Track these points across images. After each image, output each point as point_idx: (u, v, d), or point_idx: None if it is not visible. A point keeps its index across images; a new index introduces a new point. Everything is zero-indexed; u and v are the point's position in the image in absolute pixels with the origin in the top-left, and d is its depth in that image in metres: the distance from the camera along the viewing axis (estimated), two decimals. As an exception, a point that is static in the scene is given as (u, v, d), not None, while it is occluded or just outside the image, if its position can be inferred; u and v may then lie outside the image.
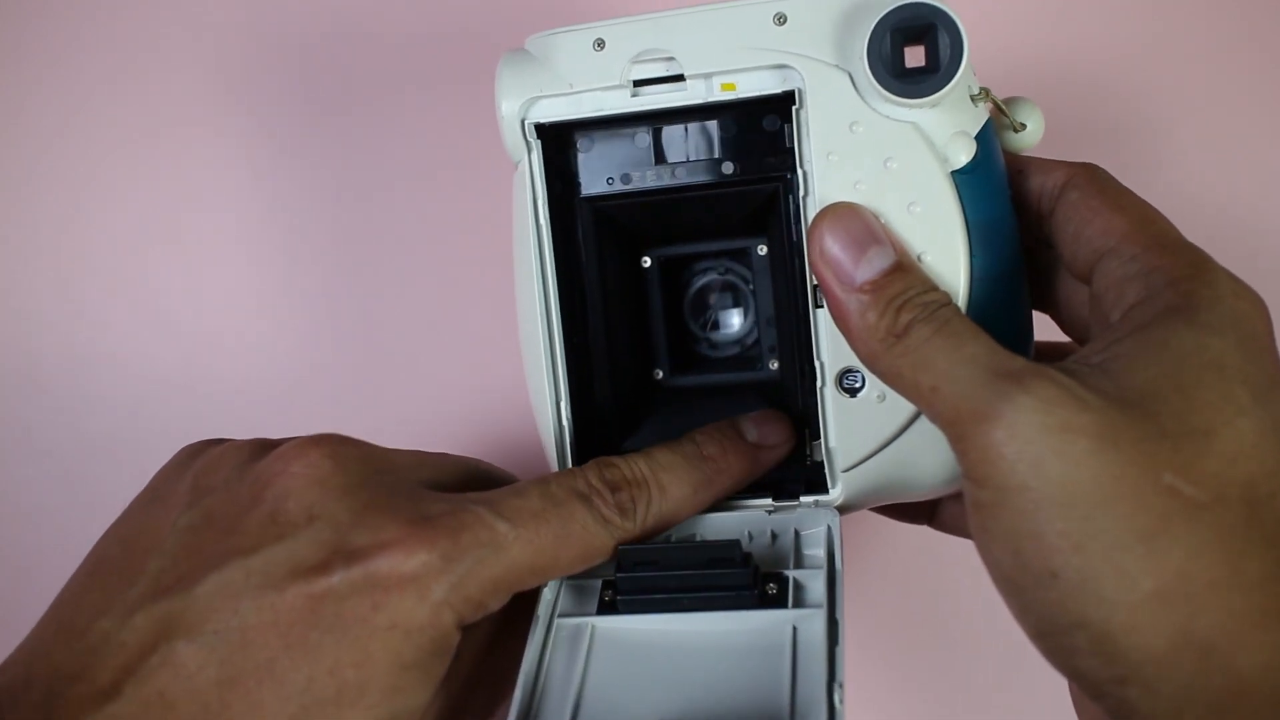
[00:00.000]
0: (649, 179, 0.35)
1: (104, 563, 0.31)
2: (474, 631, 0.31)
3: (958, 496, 0.35)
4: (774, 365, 0.38)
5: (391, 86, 0.51)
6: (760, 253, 0.38)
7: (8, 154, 0.51)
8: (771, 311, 0.38)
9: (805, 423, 0.35)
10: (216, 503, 0.30)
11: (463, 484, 0.32)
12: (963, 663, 0.49)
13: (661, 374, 0.39)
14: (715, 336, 0.40)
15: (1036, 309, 0.35)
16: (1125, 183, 0.32)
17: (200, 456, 0.32)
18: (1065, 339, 0.36)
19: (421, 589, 0.28)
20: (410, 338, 0.51)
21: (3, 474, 0.48)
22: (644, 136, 0.35)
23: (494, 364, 0.50)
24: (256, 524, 0.29)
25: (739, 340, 0.40)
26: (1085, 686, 0.26)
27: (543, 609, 0.32)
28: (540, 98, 0.33)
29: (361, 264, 0.51)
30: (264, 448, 0.31)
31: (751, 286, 0.39)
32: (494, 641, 0.32)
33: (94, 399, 0.49)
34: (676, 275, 0.40)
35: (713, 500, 0.33)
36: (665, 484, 0.32)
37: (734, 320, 0.40)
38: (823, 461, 0.34)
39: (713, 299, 0.40)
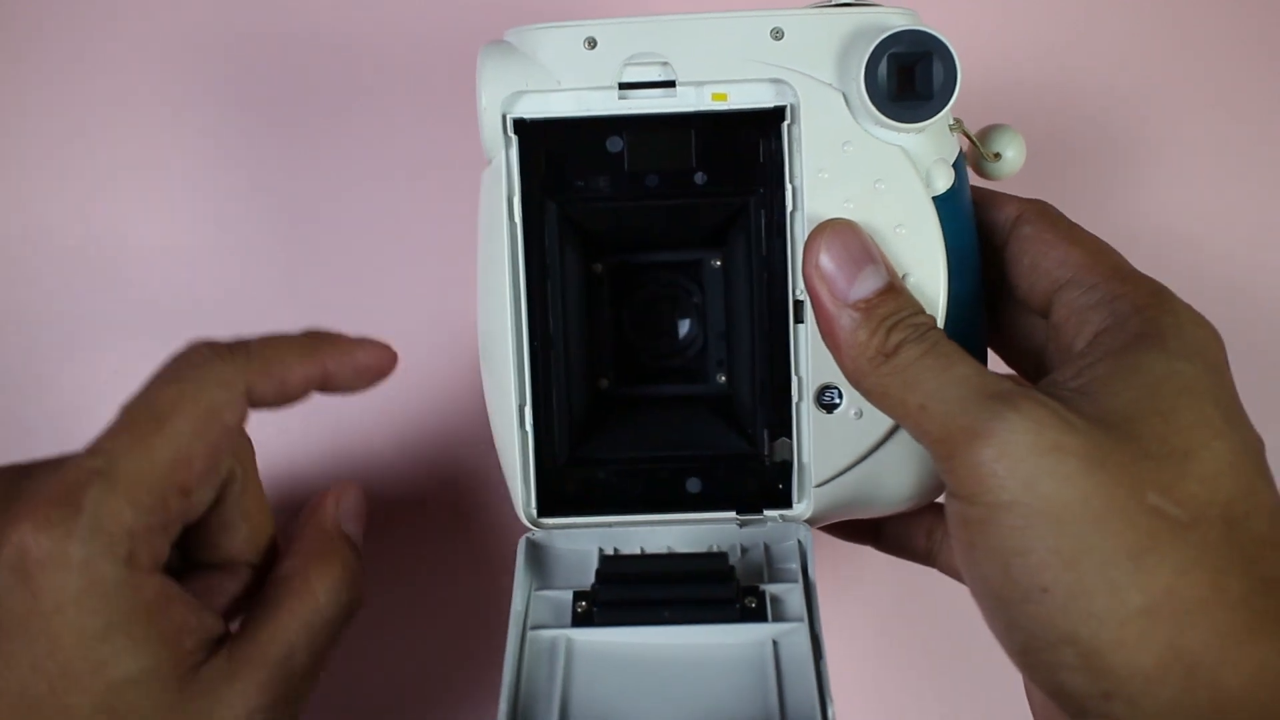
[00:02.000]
0: (621, 184, 0.35)
1: None
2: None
3: (900, 515, 0.36)
4: (721, 379, 0.38)
5: (365, 87, 0.49)
6: (714, 265, 0.38)
7: (7, 157, 0.47)
8: (722, 325, 0.38)
9: (762, 436, 0.35)
10: None
11: None
12: (945, 678, 0.50)
13: (607, 383, 0.38)
14: (658, 348, 0.39)
15: (984, 340, 0.36)
16: (1093, 211, 0.33)
17: None
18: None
19: (60, 558, 0.27)
20: (414, 339, 0.48)
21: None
22: (616, 140, 0.34)
23: (455, 366, 0.48)
24: None
25: (681, 351, 0.39)
26: (1067, 703, 0.27)
27: (513, 621, 0.30)
28: (525, 92, 0.32)
29: (365, 264, 0.49)
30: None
31: (697, 299, 0.39)
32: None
33: (92, 402, 0.46)
34: (626, 283, 0.39)
35: None
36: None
37: (679, 332, 0.39)
38: (792, 475, 0.34)
39: (656, 308, 0.40)
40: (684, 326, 0.39)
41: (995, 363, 0.37)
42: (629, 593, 0.30)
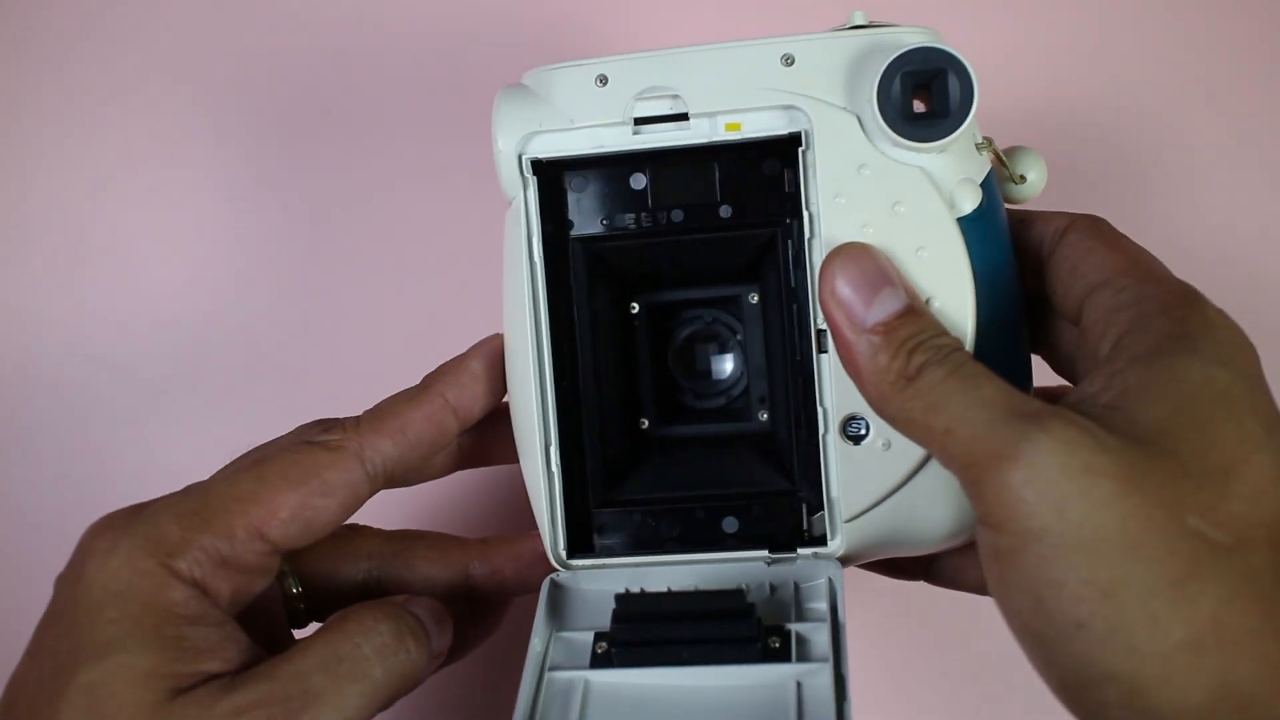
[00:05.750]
0: (644, 221, 0.34)
1: None
2: None
3: (958, 550, 0.34)
4: (764, 416, 0.37)
5: (384, 99, 0.51)
6: (752, 301, 0.37)
7: (9, 157, 0.51)
8: (762, 361, 0.37)
9: (800, 475, 0.34)
10: None
11: None
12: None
13: (647, 423, 0.38)
14: (700, 386, 0.39)
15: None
16: (1137, 225, 0.32)
17: None
18: (1058, 383, 0.35)
19: (108, 551, 0.29)
20: (412, 345, 0.49)
21: (2, 474, 0.48)
22: (640, 177, 0.34)
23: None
24: None
25: (725, 391, 0.39)
26: None
27: (531, 661, 0.30)
28: (539, 133, 0.33)
29: (367, 268, 0.51)
30: None
31: (740, 336, 0.38)
32: None
33: (93, 403, 0.49)
34: (664, 322, 0.39)
35: None
36: None
37: (721, 370, 0.39)
38: (822, 514, 0.33)
39: (699, 348, 0.39)
40: (725, 364, 0.39)
41: (1048, 374, 0.35)
42: (647, 632, 0.29)
